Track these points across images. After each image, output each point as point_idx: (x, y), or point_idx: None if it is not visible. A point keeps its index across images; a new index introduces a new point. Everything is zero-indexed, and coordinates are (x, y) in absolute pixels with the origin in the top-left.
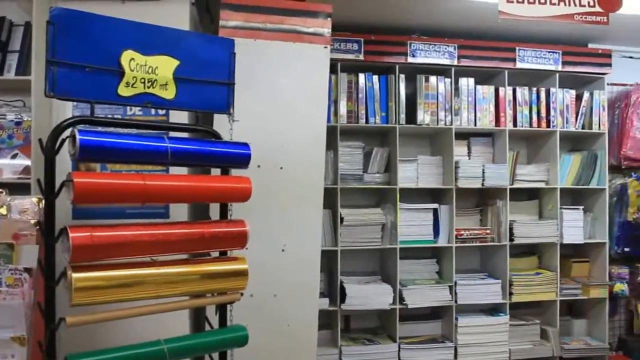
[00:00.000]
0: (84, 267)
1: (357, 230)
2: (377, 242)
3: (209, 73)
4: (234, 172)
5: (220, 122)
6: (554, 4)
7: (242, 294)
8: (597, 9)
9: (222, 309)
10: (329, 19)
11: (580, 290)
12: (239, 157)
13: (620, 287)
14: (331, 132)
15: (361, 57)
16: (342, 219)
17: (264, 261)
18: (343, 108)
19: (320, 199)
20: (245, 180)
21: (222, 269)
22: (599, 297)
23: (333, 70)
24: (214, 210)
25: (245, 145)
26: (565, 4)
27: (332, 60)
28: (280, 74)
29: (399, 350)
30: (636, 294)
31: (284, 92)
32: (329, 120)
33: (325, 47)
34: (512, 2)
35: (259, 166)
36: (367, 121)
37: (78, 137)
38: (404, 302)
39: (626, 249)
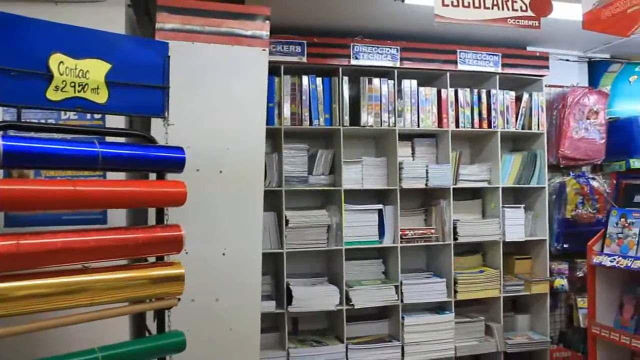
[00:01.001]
0: (10, 277)
1: (303, 232)
2: (322, 244)
3: (142, 77)
4: (173, 176)
5: (159, 126)
6: (488, 8)
7: (179, 299)
8: (529, 13)
9: (159, 315)
10: (267, 21)
11: (522, 286)
12: (173, 161)
13: (560, 282)
14: (275, 134)
15: (304, 59)
16: (287, 221)
17: (204, 265)
18: (287, 110)
19: (261, 201)
20: (180, 184)
21: (158, 274)
22: (541, 293)
23: (276, 72)
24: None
25: (180, 149)
26: (499, 9)
27: (275, 62)
28: (218, 77)
29: (346, 351)
30: (575, 289)
31: (223, 95)
32: (272, 122)
33: (263, 50)
34: (448, 5)
35: (198, 170)
36: (311, 123)
37: (1, 142)
38: (351, 303)
39: (565, 246)
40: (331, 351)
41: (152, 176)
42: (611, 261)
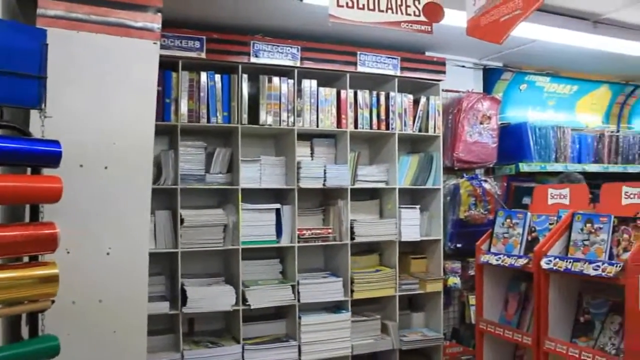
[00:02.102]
0: None
1: (198, 232)
2: (219, 243)
3: (15, 65)
4: (54, 172)
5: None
6: (383, 11)
7: (53, 302)
8: (422, 18)
9: (32, 319)
10: (159, 13)
11: (417, 285)
12: (47, 155)
13: (454, 280)
14: (172, 131)
15: (203, 55)
16: (182, 220)
17: (87, 265)
18: (184, 107)
19: (148, 199)
20: (54, 179)
21: (28, 274)
22: (435, 291)
23: (174, 67)
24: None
25: (55, 142)
26: (393, 12)
27: (173, 57)
28: (105, 69)
29: (242, 352)
30: (467, 287)
31: (110, 88)
32: (169, 118)
33: (154, 43)
34: (343, 6)
35: (81, 166)
36: (208, 120)
37: None
38: (247, 303)
39: (458, 245)
40: (227, 352)
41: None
42: (497, 260)
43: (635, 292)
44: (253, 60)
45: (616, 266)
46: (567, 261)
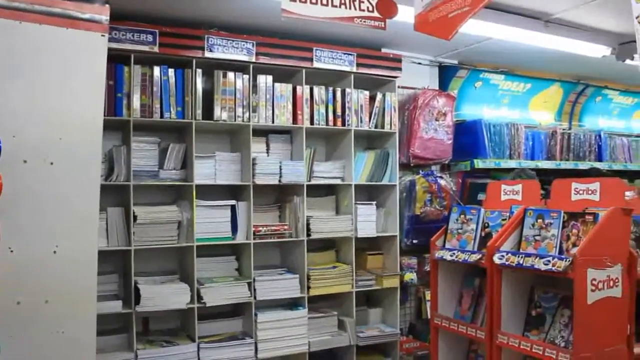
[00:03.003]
0: None
1: (152, 229)
2: (173, 240)
3: None
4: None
5: None
6: (336, 6)
7: None
8: (375, 14)
9: None
10: (106, 5)
11: (374, 281)
12: None
13: (410, 276)
14: (124, 126)
15: (156, 49)
16: (135, 217)
17: (32, 264)
18: (137, 101)
19: (97, 196)
20: None
21: None
22: (392, 287)
23: (126, 61)
24: None
25: None
26: (346, 7)
27: (124, 51)
28: (51, 61)
29: (198, 350)
30: (424, 282)
31: (55, 81)
32: (120, 113)
33: (102, 35)
34: (295, 1)
35: (25, 161)
36: (162, 116)
37: None
38: (202, 301)
39: (414, 241)
40: (182, 351)
41: None
42: (451, 255)
43: (583, 285)
44: (207, 55)
45: (565, 261)
46: (518, 256)
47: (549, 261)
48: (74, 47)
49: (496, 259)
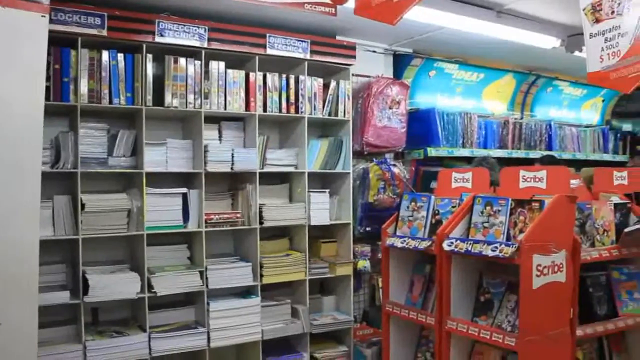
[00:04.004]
0: None
1: (101, 217)
2: (122, 229)
3: None
4: None
5: None
6: None
7: None
8: (326, 0)
9: None
10: None
11: (328, 268)
12: None
13: (363, 263)
14: (71, 111)
15: (104, 32)
16: (83, 205)
17: None
18: (84, 87)
19: (37, 184)
20: None
21: None
22: (345, 274)
23: (73, 45)
24: None
25: None
26: None
27: (71, 34)
28: None
29: (149, 340)
30: (377, 270)
31: None
32: (67, 99)
33: (43, 16)
34: None
35: None
36: (111, 101)
37: None
38: (153, 290)
39: (368, 229)
40: (132, 341)
41: None
42: (402, 242)
43: (529, 271)
44: (158, 39)
45: (512, 247)
46: (467, 243)
47: (496, 247)
48: (11, 27)
49: (445, 246)
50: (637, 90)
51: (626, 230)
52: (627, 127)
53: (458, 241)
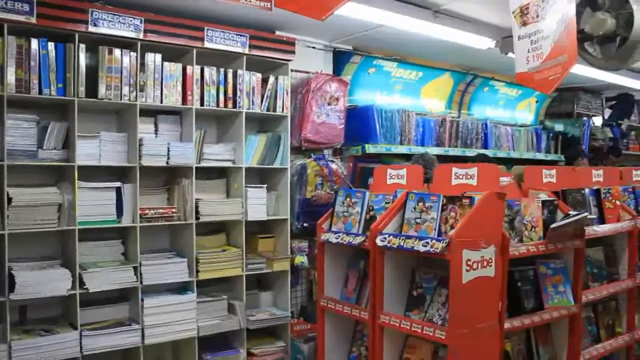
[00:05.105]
0: None
1: (29, 212)
2: (53, 224)
3: None
4: None
5: None
6: None
7: None
8: None
9: None
10: None
11: (265, 264)
12: None
13: (301, 259)
14: None
15: (33, 20)
16: (10, 199)
17: None
18: (11, 76)
19: None
20: None
21: None
22: (283, 270)
23: None
24: None
25: None
26: None
27: None
28: None
29: (80, 338)
30: (314, 265)
31: None
32: None
33: None
34: None
35: None
36: (40, 92)
37: None
38: (85, 287)
39: (305, 224)
40: (62, 339)
41: None
42: (336, 238)
43: (458, 266)
44: (91, 29)
45: (442, 242)
46: (400, 238)
47: (427, 243)
48: None
49: (378, 241)
50: (569, 92)
51: (552, 226)
52: (559, 127)
53: (391, 237)
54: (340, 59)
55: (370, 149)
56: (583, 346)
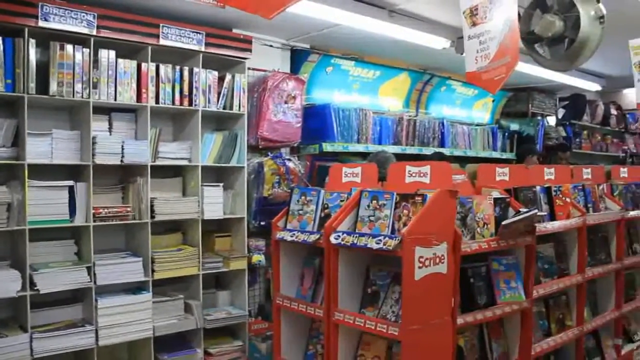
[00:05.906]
0: None
1: None
2: (2, 224)
3: None
4: None
5: None
6: None
7: None
8: None
9: None
10: None
11: (222, 263)
12: None
13: (258, 258)
14: None
15: None
16: None
17: None
18: None
19: None
20: None
21: None
22: (240, 269)
23: None
24: None
25: None
26: None
27: None
28: None
29: (31, 341)
30: (271, 264)
31: None
32: None
33: None
34: None
35: None
36: None
37: None
38: (35, 288)
39: (262, 223)
40: (11, 343)
41: None
42: (291, 236)
43: (411, 263)
44: (42, 24)
45: (395, 240)
46: (353, 236)
47: (380, 240)
48: None
49: (332, 239)
50: (523, 92)
51: (504, 223)
52: (514, 126)
53: (345, 234)
54: (297, 58)
55: (328, 147)
56: (534, 340)
